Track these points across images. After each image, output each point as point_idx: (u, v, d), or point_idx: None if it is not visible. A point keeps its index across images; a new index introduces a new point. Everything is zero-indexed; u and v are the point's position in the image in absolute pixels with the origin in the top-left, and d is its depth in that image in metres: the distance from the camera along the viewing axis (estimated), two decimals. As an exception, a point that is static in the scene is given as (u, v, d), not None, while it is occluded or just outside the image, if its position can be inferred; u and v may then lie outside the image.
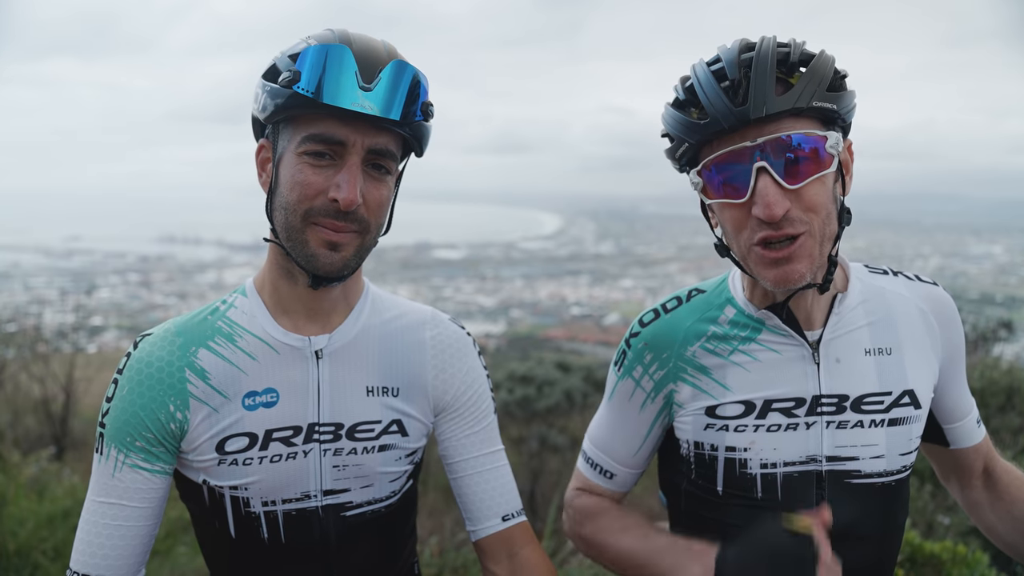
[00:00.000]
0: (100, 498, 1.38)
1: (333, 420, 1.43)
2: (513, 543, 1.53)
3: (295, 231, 1.32)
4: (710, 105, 1.29)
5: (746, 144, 1.28)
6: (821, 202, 1.30)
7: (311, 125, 1.30)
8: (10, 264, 68.25)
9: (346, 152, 1.30)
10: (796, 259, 1.30)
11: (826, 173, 1.30)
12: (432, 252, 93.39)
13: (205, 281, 65.26)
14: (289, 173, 1.32)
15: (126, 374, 1.40)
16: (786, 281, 1.31)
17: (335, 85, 1.25)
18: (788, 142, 1.27)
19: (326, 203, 1.30)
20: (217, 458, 1.39)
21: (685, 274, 73.31)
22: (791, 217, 1.28)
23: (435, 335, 1.54)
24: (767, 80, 1.27)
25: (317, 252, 1.32)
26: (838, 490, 1.43)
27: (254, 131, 1.43)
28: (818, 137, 1.28)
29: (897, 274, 1.54)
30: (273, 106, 1.30)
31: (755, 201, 1.28)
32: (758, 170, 1.27)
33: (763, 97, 1.26)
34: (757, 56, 1.29)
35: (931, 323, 1.49)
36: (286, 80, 1.27)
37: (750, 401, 1.45)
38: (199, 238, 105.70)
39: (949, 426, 1.58)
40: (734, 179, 1.31)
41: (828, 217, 1.32)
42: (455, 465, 1.55)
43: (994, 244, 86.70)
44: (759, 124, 1.27)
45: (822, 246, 1.32)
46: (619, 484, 1.63)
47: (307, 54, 1.27)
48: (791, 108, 1.26)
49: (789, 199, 1.28)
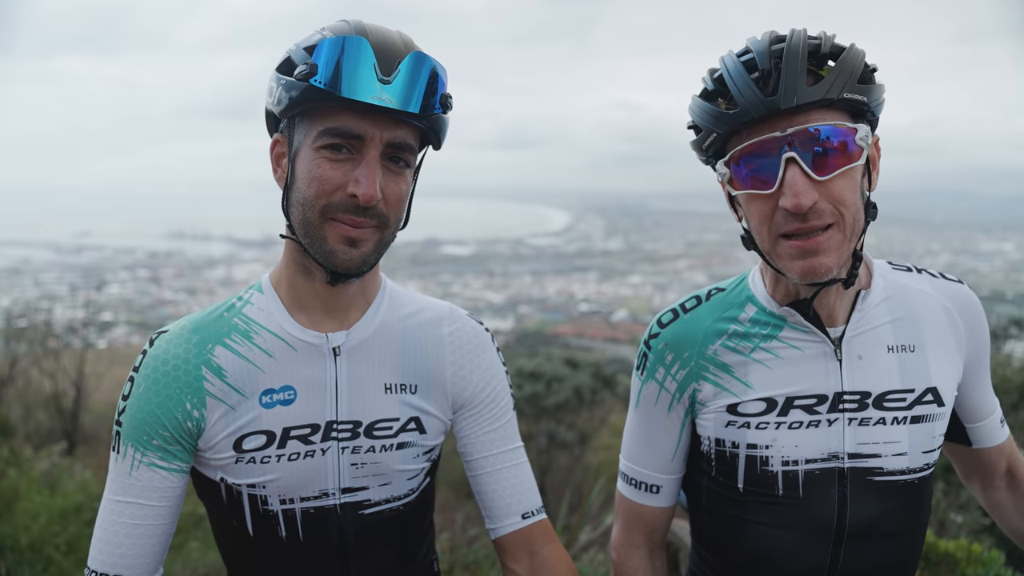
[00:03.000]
0: (117, 497, 1.37)
1: (351, 418, 1.42)
2: (533, 541, 1.52)
3: (313, 227, 1.31)
4: (740, 95, 1.28)
5: (775, 134, 1.27)
6: (849, 195, 1.29)
7: (328, 119, 1.27)
8: (21, 260, 68.68)
9: (364, 146, 1.28)
10: (823, 252, 1.29)
11: (855, 166, 1.29)
12: (441, 248, 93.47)
13: (214, 277, 65.50)
14: (306, 168, 1.30)
15: (142, 372, 1.39)
16: (813, 274, 1.30)
17: (353, 78, 1.23)
18: (817, 134, 1.26)
19: (345, 198, 1.28)
20: (234, 456, 1.38)
21: (694, 271, 73.15)
22: (819, 209, 1.27)
23: (453, 331, 1.53)
24: (798, 70, 1.25)
25: (336, 248, 1.31)
26: (860, 487, 1.42)
27: (268, 126, 1.42)
28: (848, 129, 1.27)
29: (921, 271, 1.52)
30: (288, 100, 1.27)
31: (783, 192, 1.27)
32: (787, 161, 1.26)
33: (794, 87, 1.24)
34: (788, 47, 1.27)
35: (955, 321, 1.47)
36: (302, 73, 1.24)
37: (772, 398, 1.43)
38: (208, 234, 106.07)
39: (972, 425, 1.57)
40: (762, 170, 1.29)
41: (856, 211, 1.31)
42: (474, 463, 1.54)
43: (1005, 241, 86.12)
44: (789, 115, 1.26)
45: (849, 240, 1.31)
46: (666, 497, 1.60)
47: (323, 46, 1.24)
48: (821, 99, 1.25)
49: (817, 191, 1.26)
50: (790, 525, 1.44)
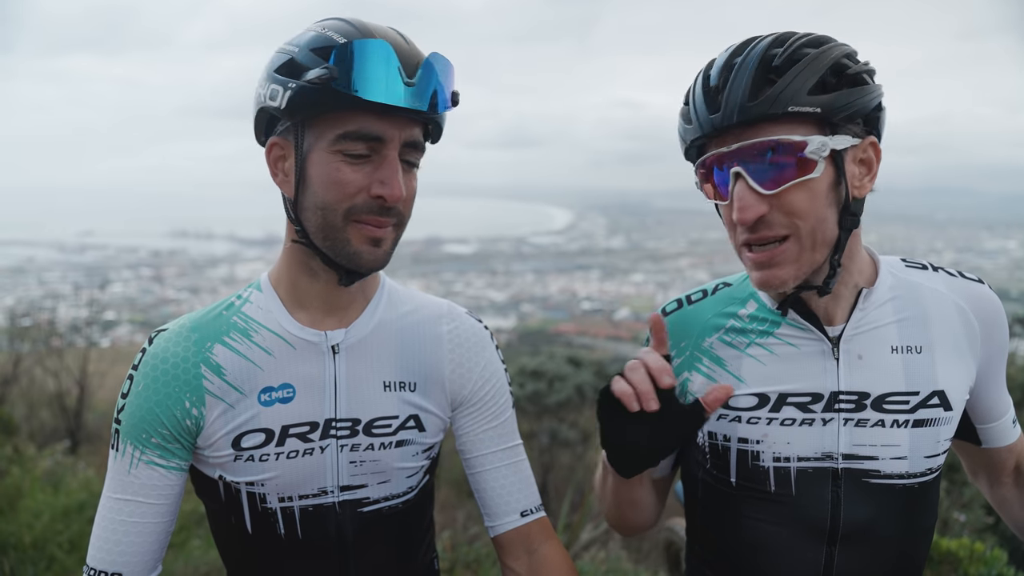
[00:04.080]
0: (116, 494, 1.37)
1: (350, 415, 1.42)
2: (532, 539, 1.52)
3: (336, 230, 1.30)
4: (694, 112, 1.33)
5: (722, 150, 1.29)
6: (806, 207, 1.27)
7: (345, 122, 1.26)
8: (25, 259, 68.93)
9: (384, 147, 1.29)
10: (777, 264, 1.30)
11: (809, 179, 1.26)
12: (442, 247, 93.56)
13: (217, 276, 65.64)
14: (324, 172, 1.29)
15: (141, 370, 1.39)
16: (767, 285, 1.33)
17: (380, 81, 1.23)
18: (762, 148, 1.26)
19: (368, 200, 1.29)
20: (233, 454, 1.38)
21: (696, 269, 73.10)
22: (769, 221, 1.28)
23: (452, 329, 1.53)
24: (743, 87, 1.25)
25: (360, 249, 1.31)
26: (855, 489, 1.41)
27: (259, 128, 1.38)
28: (795, 144, 1.25)
29: (938, 270, 1.48)
30: (300, 103, 1.25)
31: (732, 206, 1.30)
32: (734, 175, 1.29)
33: (735, 105, 1.25)
34: (740, 62, 1.28)
35: (970, 322, 1.44)
36: (322, 77, 1.22)
37: (764, 394, 1.43)
38: (211, 233, 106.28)
39: (983, 426, 1.55)
40: (719, 183, 1.33)
41: (818, 222, 1.29)
42: (473, 460, 1.54)
43: (1008, 239, 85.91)
44: (738, 130, 1.27)
45: (812, 251, 1.30)
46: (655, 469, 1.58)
47: (344, 49, 1.23)
48: (765, 113, 1.24)
49: (769, 203, 1.27)
50: (783, 522, 1.43)
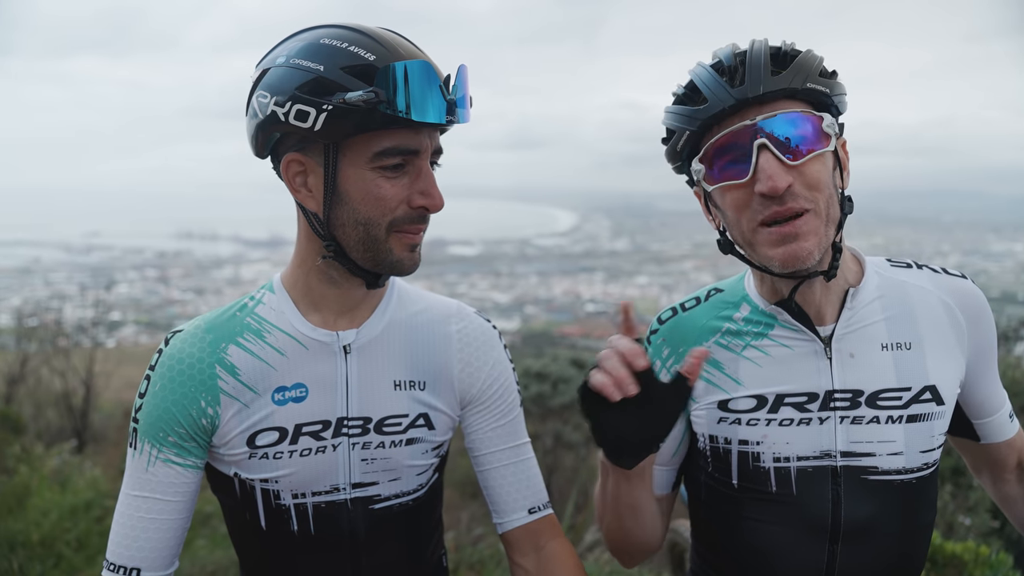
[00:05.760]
0: (134, 492, 1.41)
1: (361, 414, 1.45)
2: (539, 536, 1.54)
3: (378, 242, 1.34)
4: (709, 91, 1.34)
5: (746, 123, 1.32)
6: (823, 180, 1.33)
7: (383, 139, 1.29)
8: (31, 260, 69.14)
9: (417, 158, 1.33)
10: (802, 236, 1.31)
11: (825, 151, 1.33)
12: (447, 248, 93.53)
13: (222, 277, 65.74)
14: (362, 188, 1.31)
15: (158, 371, 1.42)
16: (794, 259, 1.32)
17: (428, 101, 1.26)
18: (786, 120, 1.32)
19: (408, 211, 1.34)
20: (248, 452, 1.41)
21: (700, 271, 72.94)
22: (795, 192, 1.31)
23: (461, 328, 1.55)
24: (762, 65, 1.32)
25: (402, 257, 1.36)
26: (854, 486, 1.43)
27: (261, 142, 1.35)
28: (815, 117, 1.33)
29: (922, 267, 1.52)
30: (345, 126, 1.25)
31: (758, 178, 1.31)
32: (759, 147, 1.31)
33: (759, 78, 1.31)
34: (751, 49, 1.36)
35: (957, 317, 1.47)
36: (370, 101, 1.22)
37: (762, 395, 1.46)
38: (216, 234, 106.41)
39: (979, 421, 1.57)
40: (736, 161, 1.34)
41: (831, 198, 1.34)
42: (481, 458, 1.56)
43: (1015, 242, 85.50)
44: (757, 105, 1.32)
45: (827, 227, 1.34)
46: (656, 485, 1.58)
47: (389, 73, 1.24)
48: (786, 88, 1.31)
49: (791, 175, 1.31)
50: (785, 522, 1.45)
